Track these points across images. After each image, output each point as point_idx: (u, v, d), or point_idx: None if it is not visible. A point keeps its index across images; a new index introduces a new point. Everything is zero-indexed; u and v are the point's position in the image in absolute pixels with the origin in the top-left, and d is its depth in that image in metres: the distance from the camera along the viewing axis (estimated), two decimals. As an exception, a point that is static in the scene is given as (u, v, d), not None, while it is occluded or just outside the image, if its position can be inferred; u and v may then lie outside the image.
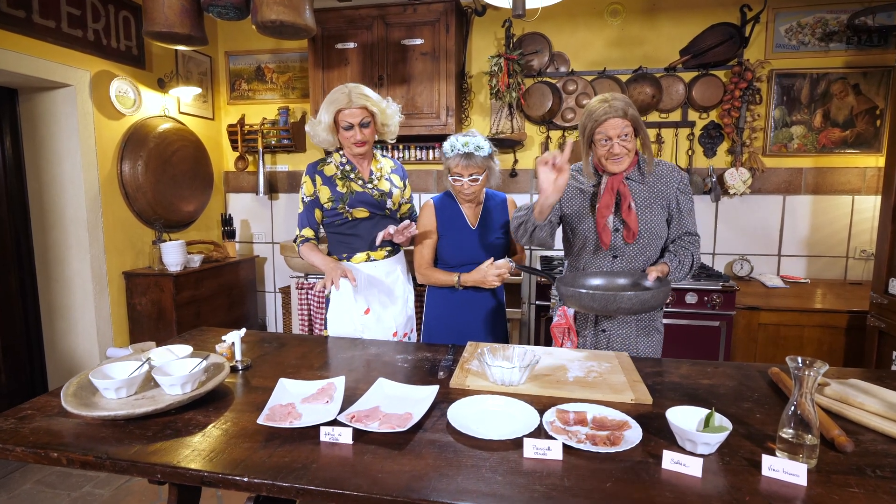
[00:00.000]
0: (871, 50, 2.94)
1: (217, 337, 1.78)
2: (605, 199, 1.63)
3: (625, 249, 1.68)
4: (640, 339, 1.73)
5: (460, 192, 1.89)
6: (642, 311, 1.53)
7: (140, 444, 1.08)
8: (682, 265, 1.63)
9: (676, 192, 1.66)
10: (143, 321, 3.01)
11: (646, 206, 1.65)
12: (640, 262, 1.69)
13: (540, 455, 1.03)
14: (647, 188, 1.66)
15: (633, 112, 1.58)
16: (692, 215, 1.69)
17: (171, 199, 3.22)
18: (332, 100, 1.84)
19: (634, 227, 1.62)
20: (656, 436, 1.12)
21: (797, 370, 1.02)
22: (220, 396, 1.31)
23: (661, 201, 1.66)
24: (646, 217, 1.65)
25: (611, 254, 1.70)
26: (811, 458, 1.01)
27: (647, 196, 1.66)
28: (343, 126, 1.85)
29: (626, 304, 1.47)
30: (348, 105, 1.82)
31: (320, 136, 1.89)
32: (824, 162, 3.08)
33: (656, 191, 1.66)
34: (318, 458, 1.03)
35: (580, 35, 3.22)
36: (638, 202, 1.65)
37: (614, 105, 1.55)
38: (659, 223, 1.66)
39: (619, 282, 1.63)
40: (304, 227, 1.96)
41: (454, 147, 1.83)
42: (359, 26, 3.10)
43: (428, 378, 1.45)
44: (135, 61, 3.02)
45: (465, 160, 1.82)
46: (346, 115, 1.83)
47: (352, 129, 1.85)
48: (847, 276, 3.15)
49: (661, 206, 1.66)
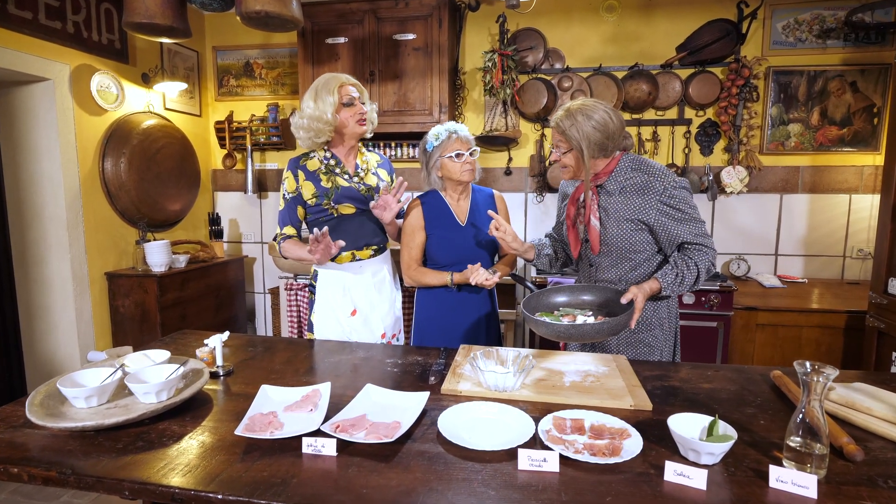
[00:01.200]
0: (869, 47, 2.91)
1: (199, 340, 1.71)
2: (569, 208, 1.64)
3: (597, 260, 1.65)
4: (627, 349, 1.67)
5: (463, 171, 1.82)
6: (590, 340, 1.44)
7: (109, 457, 1.01)
8: (681, 279, 1.51)
9: (658, 205, 1.51)
10: (126, 323, 2.93)
11: (615, 220, 1.56)
12: (613, 274, 1.63)
13: (535, 467, 0.98)
14: (619, 200, 1.56)
15: (574, 133, 1.49)
16: (688, 223, 1.53)
17: (155, 197, 3.14)
18: (328, 80, 1.80)
19: (594, 241, 1.58)
20: (657, 444, 1.07)
21: (805, 375, 0.97)
22: (198, 405, 1.24)
23: (631, 216, 1.54)
24: (613, 231, 1.57)
25: (585, 263, 1.69)
26: (820, 469, 0.96)
27: (617, 209, 1.56)
28: (345, 101, 1.80)
29: (565, 333, 1.37)
30: (346, 81, 1.81)
31: (323, 119, 1.77)
32: (821, 160, 3.04)
33: (629, 205, 1.54)
34: (300, 472, 0.96)
35: (575, 31, 3.17)
36: (609, 214, 1.57)
37: (557, 118, 1.54)
38: (629, 238, 1.56)
39: (584, 298, 1.56)
40: (285, 225, 1.88)
41: (441, 132, 1.82)
42: (349, 20, 3.03)
43: (418, 384, 1.39)
44: (117, 55, 2.93)
45: (461, 135, 1.82)
46: (346, 89, 1.80)
47: (353, 104, 1.81)
48: (844, 275, 3.12)
49: (631, 221, 1.54)
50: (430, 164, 1.85)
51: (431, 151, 1.83)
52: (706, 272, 1.54)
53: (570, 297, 1.57)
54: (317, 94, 1.78)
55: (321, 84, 1.80)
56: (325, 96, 1.77)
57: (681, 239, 1.54)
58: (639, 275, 1.62)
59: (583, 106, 1.50)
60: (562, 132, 1.52)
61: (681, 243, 1.56)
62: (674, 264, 1.53)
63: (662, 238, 1.56)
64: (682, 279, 1.51)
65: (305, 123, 1.81)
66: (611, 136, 1.51)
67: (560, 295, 1.58)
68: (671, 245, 1.57)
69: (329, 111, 1.77)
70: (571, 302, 1.57)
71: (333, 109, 1.78)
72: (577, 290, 1.58)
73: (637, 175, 1.54)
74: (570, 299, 1.57)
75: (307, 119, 1.80)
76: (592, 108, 1.50)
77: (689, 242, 1.54)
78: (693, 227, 1.53)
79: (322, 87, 1.79)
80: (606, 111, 1.51)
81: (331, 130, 1.81)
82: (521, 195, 3.35)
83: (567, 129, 1.51)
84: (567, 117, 1.51)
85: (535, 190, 3.33)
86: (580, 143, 1.50)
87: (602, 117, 1.50)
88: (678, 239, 1.54)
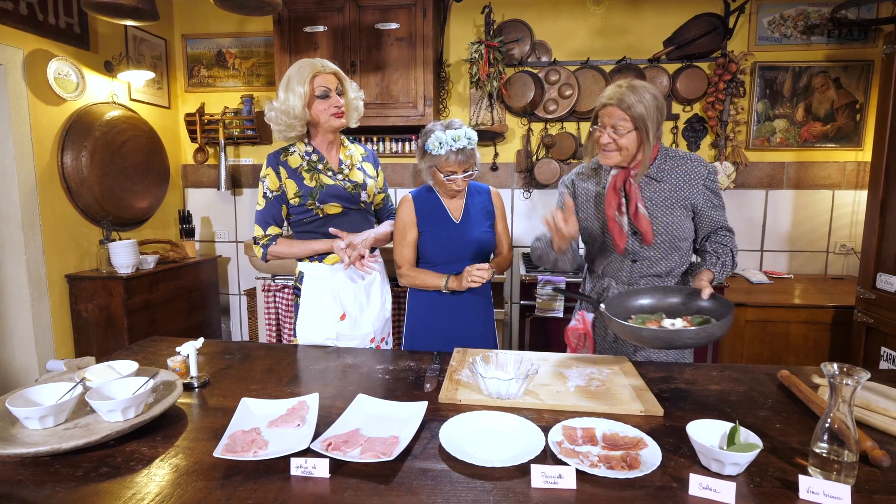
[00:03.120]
0: (852, 44, 2.93)
1: (170, 348, 1.57)
2: (610, 198, 1.53)
3: (643, 253, 1.57)
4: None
5: (451, 189, 1.73)
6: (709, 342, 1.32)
7: (66, 487, 0.88)
8: (724, 266, 1.49)
9: (703, 189, 1.52)
10: (90, 329, 2.73)
11: (666, 208, 1.52)
12: (662, 267, 1.57)
13: (551, 484, 0.89)
14: (668, 186, 1.53)
15: (641, 110, 1.40)
16: (722, 210, 1.55)
17: (120, 194, 2.94)
18: (301, 67, 1.65)
19: (647, 231, 1.50)
20: (674, 454, 1.00)
21: (833, 378, 0.91)
22: (170, 422, 1.12)
23: (683, 201, 1.52)
24: (665, 220, 1.52)
25: (629, 258, 1.59)
26: (850, 477, 0.90)
27: (666, 196, 1.52)
28: (318, 94, 1.65)
29: (693, 340, 1.24)
30: (322, 70, 1.66)
31: (292, 113, 1.64)
32: (806, 156, 3.05)
33: (678, 190, 1.52)
34: (288, 498, 0.85)
35: (562, 23, 3.10)
36: (657, 202, 1.53)
37: (621, 94, 1.41)
38: (681, 225, 1.53)
39: (671, 300, 1.43)
40: (268, 226, 1.74)
41: (443, 143, 1.63)
42: (329, 8, 2.89)
43: (413, 392, 1.29)
44: (77, 40, 2.73)
45: (460, 156, 1.66)
46: (322, 79, 1.66)
47: (328, 96, 1.66)
48: (828, 270, 3.15)
49: (683, 207, 1.52)
50: (423, 161, 1.74)
51: (427, 154, 1.72)
52: (736, 260, 1.54)
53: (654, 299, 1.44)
54: (288, 84, 1.64)
55: (294, 72, 1.66)
56: (295, 87, 1.63)
57: (719, 224, 1.54)
58: (685, 267, 1.59)
59: (643, 83, 1.43)
60: (627, 108, 1.40)
61: (713, 229, 1.55)
62: (714, 252, 1.52)
63: (705, 223, 1.56)
64: (724, 266, 1.50)
65: (274, 116, 1.68)
66: (664, 119, 1.49)
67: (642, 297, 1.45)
68: (709, 230, 1.56)
69: (298, 105, 1.63)
70: (647, 306, 1.44)
71: (304, 103, 1.64)
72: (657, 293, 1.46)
73: (681, 163, 1.53)
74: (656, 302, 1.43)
75: (276, 112, 1.67)
76: (650, 87, 1.44)
77: (725, 228, 1.54)
78: (724, 213, 1.56)
79: (295, 75, 1.65)
80: (660, 93, 1.46)
81: (302, 125, 1.69)
82: (507, 191, 3.27)
83: (634, 104, 1.40)
84: (633, 92, 1.41)
85: (523, 186, 3.25)
86: (646, 122, 1.41)
87: (661, 97, 1.45)
88: (718, 224, 1.54)
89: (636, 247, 1.56)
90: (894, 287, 2.26)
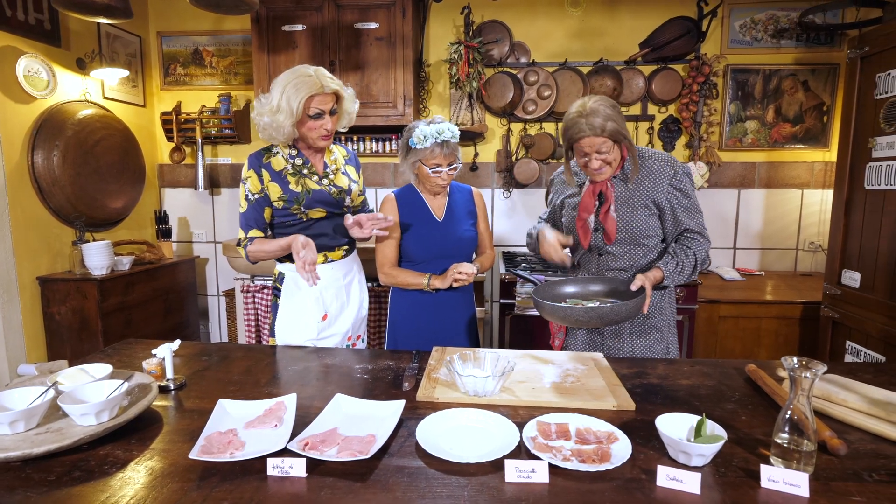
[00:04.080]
0: (820, 48, 3.02)
1: (146, 351, 1.55)
2: (585, 200, 1.59)
3: (608, 249, 1.63)
4: (635, 338, 1.66)
5: (436, 183, 1.75)
6: (606, 324, 1.46)
7: (38, 492, 0.87)
8: (681, 267, 1.54)
9: (669, 188, 1.55)
10: (64, 332, 2.68)
11: (628, 207, 1.58)
12: (624, 262, 1.63)
13: (524, 479, 0.91)
14: (633, 187, 1.58)
15: (613, 126, 1.45)
16: (692, 212, 1.57)
17: (94, 194, 2.89)
18: (300, 83, 1.55)
19: (611, 231, 1.57)
20: (645, 447, 1.04)
21: (792, 371, 0.95)
22: (146, 424, 1.11)
23: (646, 201, 1.57)
24: (627, 218, 1.58)
25: (596, 252, 1.67)
26: (808, 465, 0.94)
27: (630, 196, 1.58)
28: (311, 114, 1.60)
29: (583, 317, 1.39)
30: (321, 90, 1.57)
31: (281, 127, 1.59)
32: (776, 156, 3.15)
33: (642, 190, 1.57)
34: (265, 498, 0.86)
35: (540, 25, 3.14)
36: (620, 202, 1.58)
37: (591, 122, 1.44)
38: (643, 224, 1.58)
39: (592, 288, 1.56)
40: (250, 229, 1.70)
41: (428, 136, 1.66)
42: (307, 7, 2.88)
43: (391, 391, 1.30)
44: (48, 37, 2.67)
45: (445, 149, 1.69)
46: (318, 101, 1.59)
47: (321, 117, 1.62)
48: (797, 267, 3.25)
49: (645, 206, 1.57)
50: (407, 159, 1.76)
51: (412, 150, 1.73)
52: (702, 263, 1.57)
53: (578, 287, 1.57)
54: (283, 92, 1.56)
55: (291, 82, 1.56)
56: (291, 103, 1.55)
57: (684, 226, 1.57)
58: (649, 262, 1.63)
59: (595, 102, 1.46)
60: (602, 132, 1.44)
61: (682, 231, 1.59)
62: (673, 253, 1.56)
63: (669, 224, 1.59)
64: (681, 268, 1.54)
65: (264, 122, 1.62)
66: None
67: (567, 286, 1.58)
68: (675, 232, 1.60)
69: (288, 124, 1.58)
70: (579, 293, 1.56)
71: (293, 121, 1.58)
72: (583, 281, 1.60)
73: (648, 163, 1.57)
74: (579, 289, 1.57)
75: (267, 115, 1.60)
76: (601, 98, 1.48)
77: (691, 230, 1.57)
78: (696, 216, 1.58)
79: (293, 91, 1.55)
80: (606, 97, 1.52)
81: (290, 136, 1.65)
82: (487, 191, 3.30)
83: (605, 125, 1.44)
84: (595, 115, 1.44)
85: (503, 185, 3.28)
86: (621, 132, 1.47)
87: (614, 103, 1.50)
88: (682, 226, 1.57)
89: (600, 242, 1.63)
90: (858, 283, 2.34)
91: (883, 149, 2.20)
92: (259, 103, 1.63)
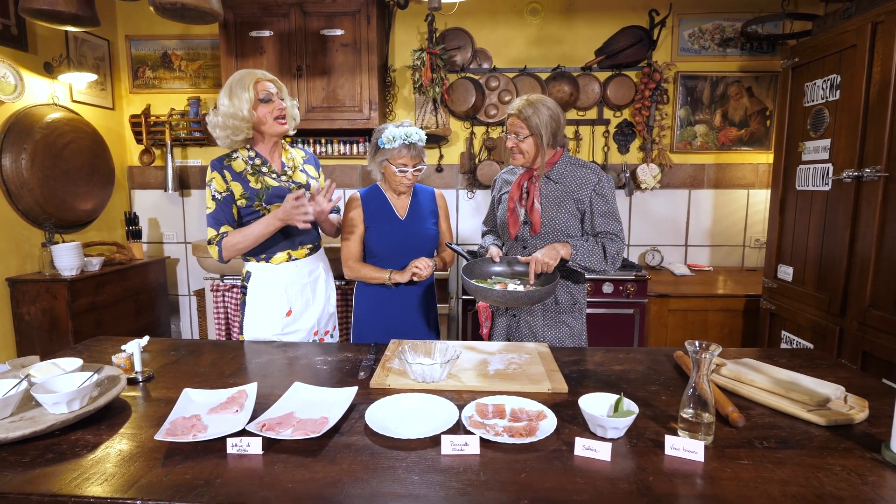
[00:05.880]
0: (762, 56, 3.23)
1: (116, 347, 1.63)
2: (513, 192, 1.77)
3: (532, 241, 1.77)
4: (546, 329, 1.81)
5: (401, 182, 1.86)
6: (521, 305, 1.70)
7: (14, 472, 0.96)
8: (589, 251, 1.66)
9: (592, 193, 1.71)
10: (34, 333, 2.71)
11: (556, 205, 1.73)
12: None
13: (457, 451, 1.03)
14: (561, 188, 1.74)
15: (536, 119, 1.64)
16: (611, 218, 1.72)
17: (63, 196, 2.91)
18: (242, 77, 1.73)
19: (536, 223, 1.73)
20: (570, 423, 1.15)
21: (695, 353, 1.08)
22: (114, 413, 1.20)
23: (571, 201, 1.73)
24: (552, 214, 1.73)
25: (520, 244, 1.81)
26: (708, 435, 1.08)
27: (559, 195, 1.74)
28: (262, 98, 1.74)
29: (500, 298, 1.56)
30: (262, 77, 1.76)
31: (239, 115, 1.70)
32: (724, 158, 3.34)
33: (569, 191, 1.73)
34: (224, 473, 0.96)
35: (501, 32, 3.27)
36: (550, 200, 1.74)
37: (521, 107, 1.67)
38: (566, 222, 1.73)
39: (518, 269, 1.72)
40: (220, 225, 1.77)
41: (396, 137, 1.80)
42: (274, 13, 2.95)
43: (348, 379, 1.40)
44: (14, 42, 2.69)
45: (412, 150, 1.83)
46: (264, 85, 1.75)
47: (271, 100, 1.75)
48: (744, 263, 3.45)
49: (570, 207, 1.73)
50: (375, 158, 1.87)
51: (380, 150, 1.85)
52: (611, 258, 1.70)
53: (504, 266, 1.73)
54: (231, 91, 1.72)
55: (235, 80, 1.73)
56: (240, 92, 1.71)
57: (600, 228, 1.73)
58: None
59: (540, 98, 1.68)
60: (524, 119, 1.65)
61: (598, 232, 1.74)
62: (586, 238, 1.71)
63: (588, 225, 1.75)
64: (589, 250, 1.67)
65: (221, 121, 1.73)
66: (560, 128, 1.71)
67: (495, 265, 1.73)
68: (590, 231, 1.76)
69: (245, 107, 1.71)
70: (505, 272, 1.72)
71: (250, 106, 1.72)
72: (509, 262, 1.74)
73: (575, 169, 1.74)
74: (505, 269, 1.73)
75: (222, 117, 1.72)
76: (547, 101, 1.68)
77: (612, 233, 1.72)
78: (611, 222, 1.72)
79: (237, 83, 1.72)
80: (557, 106, 1.70)
81: (248, 128, 1.75)
82: (452, 192, 3.42)
83: (530, 116, 1.65)
84: (529, 105, 1.66)
85: (466, 186, 3.41)
86: (540, 130, 1.65)
87: (555, 110, 1.69)
88: (599, 228, 1.73)
89: (526, 234, 1.77)
90: (791, 277, 2.53)
91: (811, 152, 2.39)
92: (212, 114, 1.76)
